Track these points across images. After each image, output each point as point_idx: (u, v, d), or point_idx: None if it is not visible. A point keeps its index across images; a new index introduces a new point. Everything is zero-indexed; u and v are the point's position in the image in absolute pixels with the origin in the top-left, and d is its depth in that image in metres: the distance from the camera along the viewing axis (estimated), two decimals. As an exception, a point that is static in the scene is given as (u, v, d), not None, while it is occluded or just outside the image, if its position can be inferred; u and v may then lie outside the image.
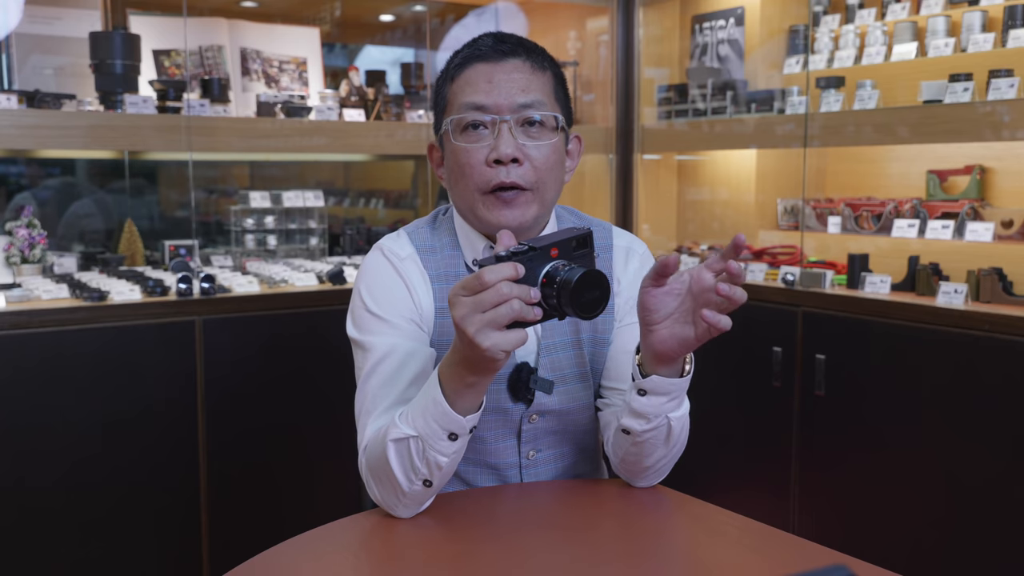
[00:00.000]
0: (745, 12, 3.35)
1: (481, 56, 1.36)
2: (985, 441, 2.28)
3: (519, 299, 1.07)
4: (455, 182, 1.38)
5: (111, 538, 2.38)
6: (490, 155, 1.33)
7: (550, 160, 1.36)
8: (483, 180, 1.34)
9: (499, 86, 1.33)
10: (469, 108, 1.34)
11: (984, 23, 2.69)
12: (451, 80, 1.38)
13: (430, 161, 1.48)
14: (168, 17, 3.15)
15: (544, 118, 1.35)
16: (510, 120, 1.33)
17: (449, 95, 1.38)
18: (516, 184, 1.33)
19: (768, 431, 2.80)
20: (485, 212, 1.35)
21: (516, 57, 1.36)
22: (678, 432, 1.32)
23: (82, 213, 3.13)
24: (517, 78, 1.35)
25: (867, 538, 2.53)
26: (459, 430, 1.18)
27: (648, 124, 3.50)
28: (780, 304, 2.77)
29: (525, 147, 1.34)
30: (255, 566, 1.12)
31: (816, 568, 0.67)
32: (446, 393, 1.17)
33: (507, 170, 1.33)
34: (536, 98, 1.35)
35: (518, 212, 1.35)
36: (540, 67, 1.38)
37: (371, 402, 1.32)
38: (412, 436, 1.19)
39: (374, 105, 3.14)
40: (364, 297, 1.38)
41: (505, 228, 1.34)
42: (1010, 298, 2.39)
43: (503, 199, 1.34)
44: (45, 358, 2.28)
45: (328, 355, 2.56)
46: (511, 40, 1.38)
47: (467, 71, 1.36)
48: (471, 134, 1.34)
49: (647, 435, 1.29)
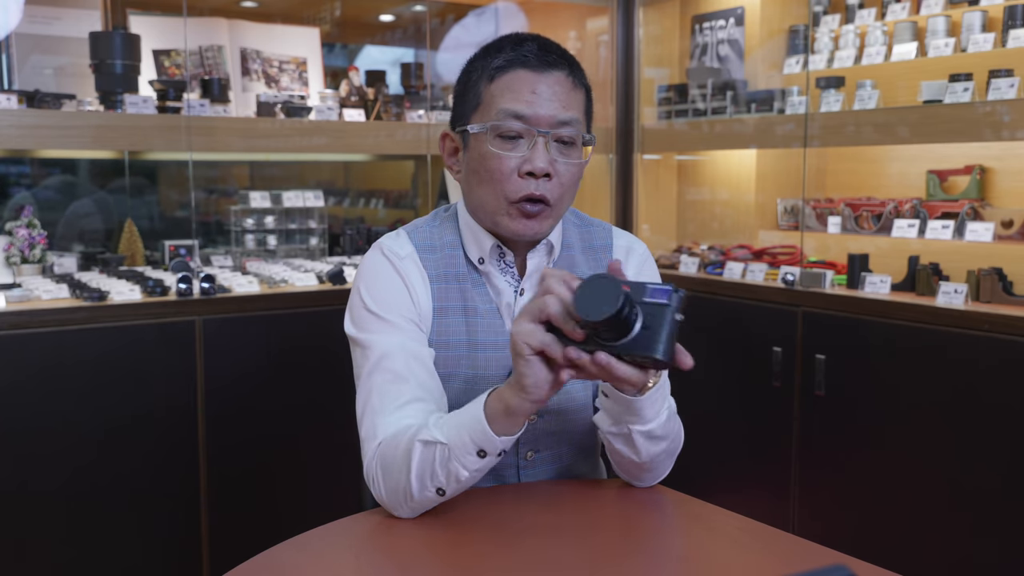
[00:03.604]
0: (745, 12, 3.35)
1: (525, 63, 1.34)
2: (985, 441, 2.28)
3: (555, 304, 1.08)
4: (478, 183, 1.37)
5: (111, 538, 2.38)
6: (523, 167, 1.33)
7: (575, 177, 1.37)
8: (512, 190, 1.33)
9: (542, 98, 1.33)
10: (509, 116, 1.33)
11: (984, 23, 2.69)
12: (490, 80, 1.36)
13: (441, 150, 1.47)
14: (168, 17, 3.15)
15: (577, 137, 1.36)
16: (548, 134, 1.33)
17: (486, 95, 1.36)
18: (544, 198, 1.34)
19: (768, 431, 2.80)
20: (508, 221, 1.35)
21: (559, 70, 1.35)
22: (671, 427, 1.32)
23: (82, 213, 3.13)
24: (559, 92, 1.34)
25: (867, 538, 2.53)
26: (490, 449, 1.18)
27: (648, 124, 3.50)
28: (780, 304, 2.77)
29: (556, 163, 1.34)
30: (255, 566, 1.12)
31: (816, 568, 0.67)
32: (487, 412, 1.17)
33: (537, 184, 1.33)
34: (574, 116, 1.35)
35: (537, 225, 1.36)
36: (579, 84, 1.38)
37: (378, 399, 1.31)
38: (441, 443, 1.19)
39: (374, 105, 3.14)
40: (363, 296, 1.38)
41: (525, 239, 1.36)
42: (1010, 298, 2.39)
43: (528, 212, 1.34)
44: (45, 358, 2.28)
45: (328, 355, 2.56)
46: (555, 50, 1.37)
47: (509, 75, 1.34)
48: (507, 143, 1.34)
49: (614, 434, 1.30)
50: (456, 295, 1.40)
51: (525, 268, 1.42)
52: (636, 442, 1.29)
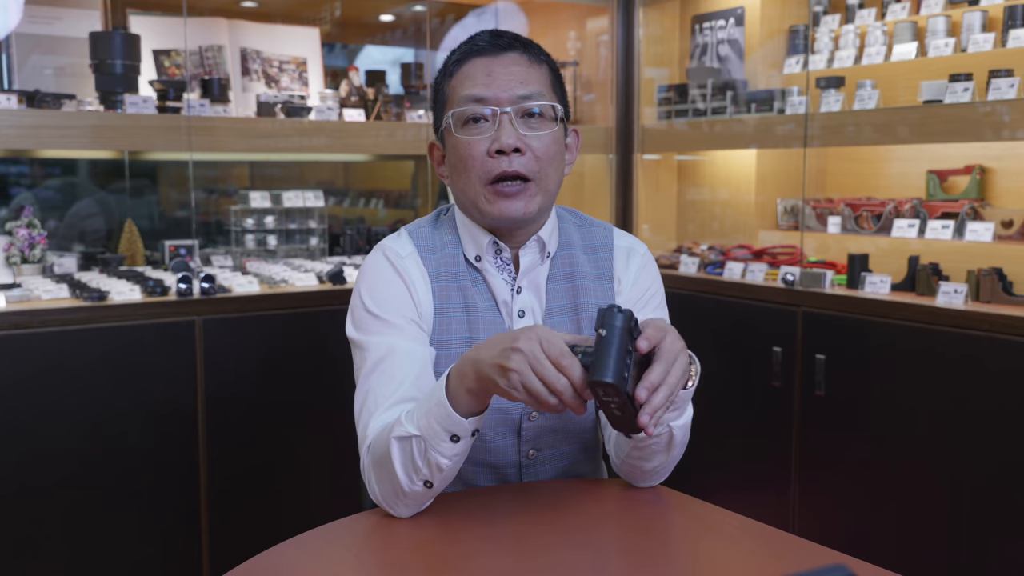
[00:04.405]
0: (745, 12, 3.35)
1: (479, 51, 1.37)
2: (985, 441, 2.28)
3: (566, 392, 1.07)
4: (457, 176, 1.39)
5: (111, 537, 2.38)
6: (492, 146, 1.34)
7: (551, 150, 1.37)
8: (485, 171, 1.35)
9: (498, 78, 1.35)
10: (469, 101, 1.35)
11: (984, 23, 2.69)
12: (450, 76, 1.40)
13: (431, 160, 1.49)
14: (168, 17, 3.15)
15: (543, 109, 1.37)
16: (510, 111, 1.34)
17: (448, 90, 1.39)
18: (519, 173, 1.34)
19: (768, 431, 2.80)
20: (487, 205, 1.36)
21: (513, 51, 1.38)
22: (680, 439, 1.32)
23: (82, 213, 3.13)
24: (515, 71, 1.36)
25: (867, 538, 2.53)
26: (461, 432, 1.18)
27: (648, 124, 3.50)
28: (780, 304, 2.78)
29: (526, 137, 1.35)
30: (255, 566, 1.12)
31: (816, 568, 0.67)
32: (450, 394, 1.17)
33: (509, 160, 1.34)
34: (535, 89, 1.36)
35: (520, 204, 1.36)
36: (537, 60, 1.40)
37: (372, 400, 1.32)
38: (415, 435, 1.19)
39: (374, 105, 3.14)
40: (364, 298, 1.38)
41: (509, 220, 1.35)
42: (1010, 298, 2.39)
43: (504, 192, 1.35)
44: (45, 358, 2.28)
45: (328, 355, 2.56)
46: (507, 35, 1.40)
47: (465, 66, 1.38)
48: (472, 127, 1.36)
49: (649, 440, 1.29)
50: (456, 293, 1.40)
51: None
52: (675, 437, 1.30)
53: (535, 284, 1.44)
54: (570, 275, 1.45)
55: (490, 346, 1.13)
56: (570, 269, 1.45)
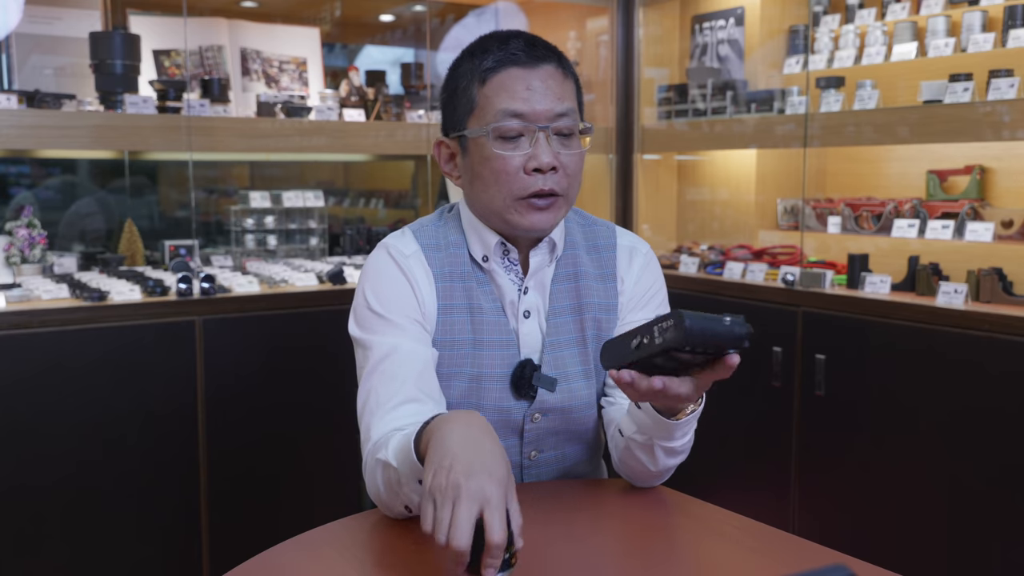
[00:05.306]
0: (745, 12, 3.35)
1: (515, 60, 1.35)
2: (985, 441, 2.28)
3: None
4: (485, 186, 1.37)
5: (111, 537, 2.38)
6: (529, 163, 1.33)
7: (579, 166, 1.39)
8: (520, 187, 1.34)
9: (536, 93, 1.34)
10: (508, 116, 1.33)
11: (984, 23, 2.69)
12: (482, 82, 1.36)
13: (437, 157, 1.46)
14: (168, 17, 3.15)
15: (575, 127, 1.37)
16: (548, 129, 1.34)
17: (480, 98, 1.36)
18: (553, 191, 1.35)
19: (768, 431, 2.80)
20: (518, 217, 1.36)
21: (549, 63, 1.36)
22: (679, 448, 1.34)
23: (82, 213, 3.13)
24: (552, 85, 1.35)
25: (867, 538, 2.53)
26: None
27: (648, 124, 3.50)
28: (780, 304, 2.78)
29: (560, 155, 1.35)
30: (255, 566, 1.12)
31: (816, 568, 0.67)
32: (419, 445, 1.13)
33: (545, 178, 1.34)
34: (569, 106, 1.36)
35: (550, 216, 1.36)
36: (568, 73, 1.39)
37: (374, 400, 1.31)
38: (393, 466, 1.19)
39: (374, 105, 3.14)
40: (367, 296, 1.38)
41: (538, 231, 1.37)
42: (1010, 298, 2.39)
43: (537, 205, 1.35)
44: (45, 358, 2.28)
45: (328, 355, 2.56)
46: (541, 44, 1.38)
47: (501, 74, 1.35)
48: (508, 143, 1.34)
49: (640, 440, 1.31)
50: (461, 293, 1.40)
51: (529, 266, 1.43)
52: (656, 454, 1.32)
53: (541, 284, 1.44)
54: (573, 275, 1.45)
55: (466, 457, 1.03)
56: (573, 269, 1.45)
